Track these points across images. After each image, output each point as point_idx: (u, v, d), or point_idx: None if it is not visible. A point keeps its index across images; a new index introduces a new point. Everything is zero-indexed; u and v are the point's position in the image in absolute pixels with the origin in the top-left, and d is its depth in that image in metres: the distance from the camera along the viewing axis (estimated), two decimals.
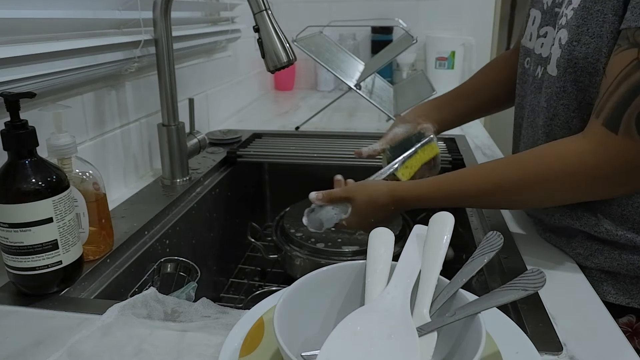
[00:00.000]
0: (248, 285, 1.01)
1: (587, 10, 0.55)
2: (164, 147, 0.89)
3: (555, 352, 0.46)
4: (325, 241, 0.88)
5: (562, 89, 0.59)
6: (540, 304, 0.54)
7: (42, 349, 0.47)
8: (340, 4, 1.87)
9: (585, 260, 0.62)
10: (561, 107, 0.60)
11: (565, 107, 0.60)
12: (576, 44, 0.56)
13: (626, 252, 0.59)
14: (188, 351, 0.47)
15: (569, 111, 0.60)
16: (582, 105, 0.58)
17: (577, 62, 0.57)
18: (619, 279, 0.61)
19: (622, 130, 0.51)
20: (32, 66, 0.64)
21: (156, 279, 0.68)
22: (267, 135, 1.24)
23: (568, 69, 0.58)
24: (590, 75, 0.56)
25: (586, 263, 0.62)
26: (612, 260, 0.60)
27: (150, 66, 0.91)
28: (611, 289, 0.61)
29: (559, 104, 0.60)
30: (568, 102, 0.59)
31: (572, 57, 0.57)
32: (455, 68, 1.81)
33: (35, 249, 0.53)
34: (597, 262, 0.61)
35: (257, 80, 1.71)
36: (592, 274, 0.61)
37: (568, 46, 0.57)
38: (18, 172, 0.52)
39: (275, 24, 0.73)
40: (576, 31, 0.56)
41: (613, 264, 0.60)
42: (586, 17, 0.55)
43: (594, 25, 0.54)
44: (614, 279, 0.61)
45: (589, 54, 0.55)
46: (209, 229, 0.95)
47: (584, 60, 0.56)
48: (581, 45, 0.56)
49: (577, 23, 0.56)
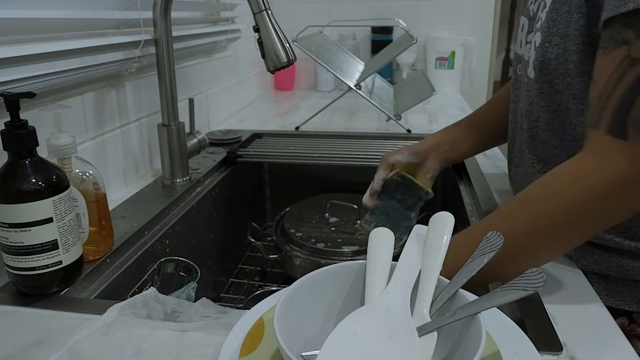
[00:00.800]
0: (248, 285, 1.01)
1: (556, 12, 0.56)
2: (164, 147, 0.89)
3: (556, 352, 0.46)
4: (325, 241, 0.88)
5: (539, 90, 0.60)
6: (540, 304, 0.54)
7: (42, 349, 0.47)
8: (340, 4, 1.87)
9: (576, 262, 0.62)
10: (542, 109, 0.61)
11: (545, 109, 0.60)
12: (548, 45, 0.57)
13: (615, 255, 0.59)
14: (188, 351, 0.47)
15: (548, 112, 0.60)
16: (561, 106, 0.59)
17: (549, 63, 0.57)
18: (610, 280, 0.61)
19: (632, 134, 0.46)
20: (32, 66, 0.64)
21: (156, 279, 0.68)
22: (267, 135, 1.24)
23: (543, 71, 0.58)
24: (562, 76, 0.57)
25: (578, 265, 0.62)
26: (602, 262, 0.60)
27: (150, 66, 0.91)
28: (602, 290, 0.60)
29: (540, 106, 0.61)
30: (547, 104, 0.60)
31: (545, 58, 0.57)
32: (455, 68, 1.81)
33: (35, 249, 0.53)
34: (587, 264, 0.61)
35: (257, 80, 1.71)
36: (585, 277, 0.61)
37: (541, 48, 0.58)
38: (18, 172, 0.52)
39: (275, 24, 0.73)
40: (547, 33, 0.57)
41: (603, 267, 0.60)
42: (555, 18, 0.56)
43: (562, 26, 0.55)
44: (604, 281, 0.61)
45: (559, 54, 0.56)
46: (209, 229, 0.95)
47: (555, 61, 0.56)
48: (552, 46, 0.56)
49: (548, 25, 0.57)
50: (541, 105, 0.60)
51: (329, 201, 1.00)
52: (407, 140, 1.18)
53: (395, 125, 1.28)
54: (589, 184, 0.48)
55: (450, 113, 1.48)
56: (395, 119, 1.26)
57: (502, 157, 1.05)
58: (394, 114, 1.27)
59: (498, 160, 1.03)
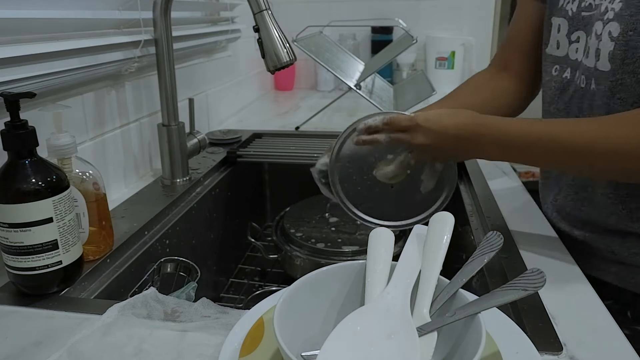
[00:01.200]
0: (248, 285, 1.01)
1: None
2: (164, 147, 0.89)
3: (555, 352, 0.46)
4: (325, 241, 0.88)
5: (618, 82, 0.57)
6: (540, 303, 0.54)
7: (42, 349, 0.47)
8: (340, 4, 1.87)
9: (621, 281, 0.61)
10: (617, 101, 0.58)
11: (622, 102, 0.57)
12: (632, 34, 0.54)
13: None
14: (188, 351, 0.47)
15: (626, 105, 0.57)
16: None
17: (635, 51, 0.54)
18: None
19: None
20: (32, 66, 0.64)
21: (156, 279, 0.68)
22: (267, 135, 1.24)
23: (626, 60, 0.55)
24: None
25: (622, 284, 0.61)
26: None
27: (150, 66, 0.91)
28: None
29: (614, 99, 0.58)
30: (625, 96, 0.57)
31: (628, 47, 0.55)
32: (455, 68, 1.81)
33: (35, 249, 0.53)
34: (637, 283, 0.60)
35: (257, 80, 1.71)
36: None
37: (623, 37, 0.55)
38: (18, 172, 0.52)
39: (275, 24, 0.73)
40: (630, 20, 0.54)
41: None
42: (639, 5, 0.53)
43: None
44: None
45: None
46: (209, 229, 0.95)
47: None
48: (637, 33, 0.54)
49: (630, 12, 0.54)
50: (617, 97, 0.58)
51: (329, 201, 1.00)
52: None
53: None
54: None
55: None
56: None
57: None
58: None
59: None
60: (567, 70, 0.67)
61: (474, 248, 0.72)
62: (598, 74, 0.60)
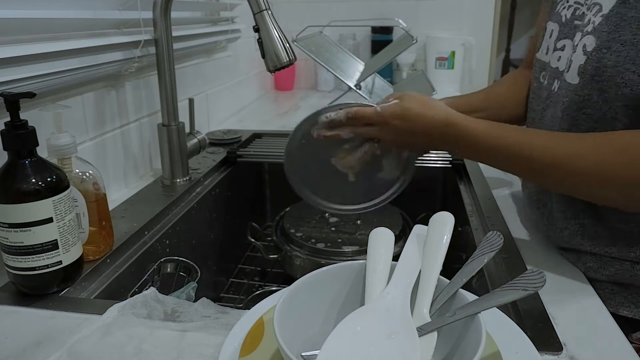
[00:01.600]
0: (248, 285, 1.01)
1: (620, 17, 0.52)
2: (164, 147, 0.89)
3: (555, 352, 0.46)
4: (325, 241, 0.88)
5: (585, 97, 0.56)
6: (540, 304, 0.54)
7: (42, 349, 0.47)
8: (340, 4, 1.87)
9: (595, 273, 0.60)
10: (582, 116, 0.57)
11: (587, 117, 0.56)
12: (606, 51, 0.53)
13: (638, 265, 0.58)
14: (188, 351, 0.47)
15: (590, 121, 0.56)
16: (607, 116, 0.55)
17: (605, 70, 0.53)
18: (632, 290, 0.59)
19: None
20: (32, 66, 0.64)
21: (156, 279, 0.68)
22: (267, 135, 1.24)
23: (595, 77, 0.54)
24: (617, 86, 0.53)
25: (596, 276, 0.60)
26: (625, 272, 0.58)
27: (150, 66, 0.91)
28: (624, 301, 0.59)
29: (580, 114, 0.57)
30: (591, 112, 0.56)
31: (600, 64, 0.54)
32: (455, 68, 1.81)
33: (35, 249, 0.53)
34: (608, 274, 0.59)
35: (257, 80, 1.71)
36: (602, 287, 0.60)
37: (597, 53, 0.54)
38: (18, 172, 0.52)
39: (275, 24, 0.73)
40: (606, 38, 0.53)
41: (626, 276, 0.58)
42: (619, 23, 0.52)
43: (626, 32, 0.51)
44: (626, 291, 0.59)
45: (619, 62, 0.52)
46: (209, 229, 0.95)
47: (612, 69, 0.53)
48: (611, 53, 0.53)
49: (607, 29, 0.53)
50: (582, 112, 0.57)
51: None
52: None
53: None
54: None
55: None
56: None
57: None
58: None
59: None
60: (547, 78, 0.66)
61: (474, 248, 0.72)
62: (565, 84, 0.59)
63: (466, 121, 0.61)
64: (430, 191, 1.09)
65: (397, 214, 0.95)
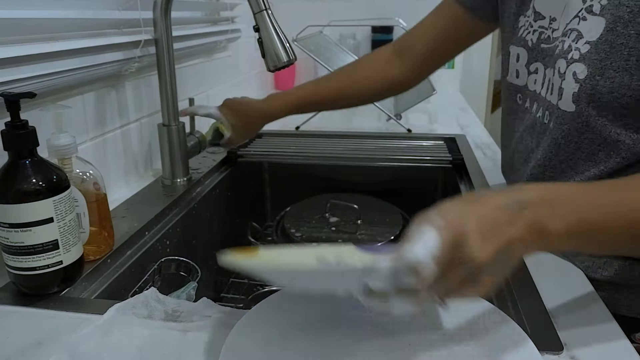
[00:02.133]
0: (248, 285, 1.01)
1: (609, 44, 0.53)
2: (165, 147, 0.89)
3: (556, 352, 0.46)
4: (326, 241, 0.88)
5: (584, 124, 0.57)
6: (541, 303, 0.54)
7: (42, 349, 0.47)
8: (340, 3, 1.87)
9: (594, 273, 0.60)
10: (585, 140, 0.58)
11: (590, 141, 0.57)
12: (599, 78, 0.54)
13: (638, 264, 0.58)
14: (189, 351, 0.47)
15: (593, 144, 0.57)
16: (608, 140, 0.56)
17: (600, 96, 0.54)
18: (632, 290, 0.59)
19: None
20: (32, 66, 0.64)
21: (157, 279, 0.68)
22: (268, 135, 1.24)
23: (591, 104, 0.55)
24: (614, 109, 0.54)
25: (596, 276, 0.60)
26: (624, 272, 0.58)
27: (151, 66, 0.91)
28: (624, 300, 0.59)
29: (582, 138, 0.58)
30: (592, 136, 0.57)
31: (595, 91, 0.54)
32: (455, 68, 1.81)
33: (36, 249, 0.53)
34: (608, 275, 0.59)
35: (257, 80, 1.71)
36: (602, 286, 0.59)
37: (590, 80, 0.55)
38: (18, 173, 0.52)
39: (276, 23, 0.73)
40: (599, 65, 0.54)
41: (625, 276, 0.58)
42: (609, 51, 0.53)
43: (618, 59, 0.52)
44: (626, 291, 0.59)
45: (614, 88, 0.53)
46: (209, 228, 0.95)
47: (608, 95, 0.54)
48: (605, 79, 0.53)
49: (599, 57, 0.54)
50: (584, 137, 0.58)
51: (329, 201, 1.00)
52: (408, 139, 1.18)
53: (395, 124, 1.28)
54: None
55: (451, 113, 1.48)
56: (396, 118, 1.26)
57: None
58: (394, 114, 1.27)
59: (499, 160, 1.03)
60: (527, 101, 0.67)
61: None
62: (560, 112, 0.59)
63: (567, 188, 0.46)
64: (430, 191, 1.09)
65: (397, 214, 0.95)
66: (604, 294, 0.58)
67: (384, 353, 0.46)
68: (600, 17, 0.54)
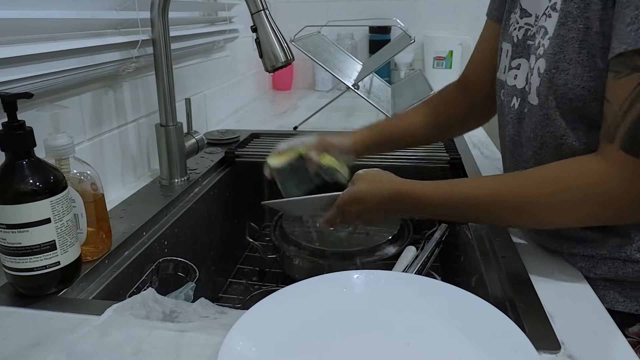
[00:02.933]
0: (246, 285, 1.01)
1: (561, 38, 0.55)
2: (162, 147, 0.89)
3: (554, 351, 0.47)
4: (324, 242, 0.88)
5: (545, 116, 0.59)
6: (538, 303, 0.54)
7: (40, 350, 0.47)
8: (338, 3, 1.87)
9: (588, 272, 0.61)
10: (548, 134, 0.60)
11: (552, 135, 0.59)
12: (555, 72, 0.56)
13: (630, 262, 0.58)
14: (186, 351, 0.46)
15: (556, 138, 0.59)
16: (567, 131, 0.58)
17: (557, 89, 0.57)
18: (626, 286, 0.60)
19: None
20: (29, 66, 0.63)
21: (154, 279, 0.68)
22: (265, 135, 1.24)
23: (549, 97, 0.58)
24: (570, 101, 0.56)
25: (589, 274, 0.61)
26: (617, 269, 0.59)
27: (148, 66, 0.91)
28: (618, 296, 0.60)
29: (545, 132, 0.60)
30: (554, 129, 0.59)
31: (552, 84, 0.57)
32: (452, 68, 1.81)
33: (33, 250, 0.53)
34: (601, 273, 0.60)
35: (255, 80, 1.71)
36: (597, 284, 0.60)
37: (547, 74, 0.57)
38: (16, 173, 0.52)
39: (273, 23, 0.73)
40: (553, 59, 0.56)
41: (618, 273, 0.59)
42: (562, 44, 0.55)
43: (570, 52, 0.55)
44: (620, 287, 0.60)
45: (569, 80, 0.55)
46: (207, 229, 0.95)
47: (564, 87, 0.56)
48: (560, 72, 0.56)
49: (553, 51, 0.56)
50: (548, 131, 0.60)
51: None
52: None
53: None
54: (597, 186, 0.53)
55: None
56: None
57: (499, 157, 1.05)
58: (392, 114, 1.27)
59: (496, 160, 1.03)
60: (506, 95, 0.69)
61: (471, 247, 0.73)
62: (529, 106, 0.62)
63: (413, 187, 0.64)
64: None
65: None
66: (599, 290, 0.59)
67: (382, 353, 0.46)
68: (557, 12, 0.56)
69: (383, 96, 1.47)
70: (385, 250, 0.85)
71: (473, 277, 0.71)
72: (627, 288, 0.59)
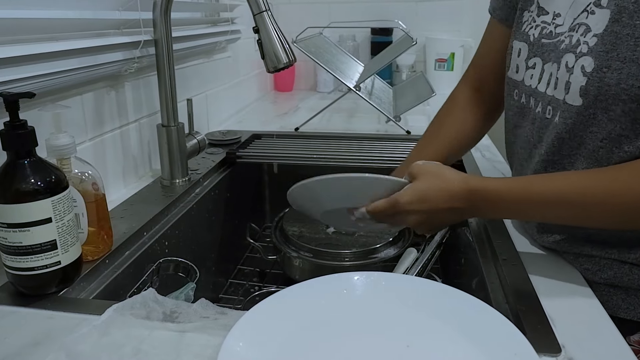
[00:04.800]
0: (247, 286, 1.01)
1: (615, 35, 0.53)
2: (163, 147, 0.89)
3: (554, 354, 0.46)
4: (324, 242, 0.88)
5: (591, 116, 0.56)
6: (539, 306, 0.54)
7: (40, 350, 0.47)
8: (340, 5, 1.88)
9: (593, 275, 0.60)
10: (589, 135, 0.57)
11: (594, 135, 0.57)
12: (606, 70, 0.53)
13: (637, 267, 0.58)
14: (187, 352, 0.46)
15: (596, 140, 0.57)
16: (612, 135, 0.56)
17: (608, 89, 0.54)
18: (630, 292, 0.59)
19: None
20: (31, 66, 0.64)
21: (155, 279, 0.68)
22: (267, 136, 1.24)
23: (599, 97, 0.55)
24: (623, 102, 0.53)
25: (594, 278, 0.60)
26: (623, 274, 0.59)
27: (150, 67, 0.91)
28: (622, 303, 0.59)
29: (587, 132, 0.57)
30: (597, 130, 0.56)
31: (602, 84, 0.54)
32: (454, 69, 1.81)
33: (34, 249, 0.53)
34: (606, 277, 0.59)
35: (256, 81, 1.71)
36: (600, 289, 0.60)
37: (597, 73, 0.54)
38: (17, 172, 0.52)
39: (275, 25, 0.73)
40: (605, 57, 0.54)
41: (624, 279, 0.59)
42: (615, 42, 0.53)
43: (624, 50, 0.52)
44: (625, 293, 0.59)
45: (622, 79, 0.52)
46: (208, 229, 0.95)
47: (616, 87, 0.53)
48: (612, 71, 0.53)
49: (605, 49, 0.54)
50: (589, 131, 0.57)
51: None
52: (407, 141, 1.18)
53: (394, 126, 1.28)
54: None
55: None
56: (395, 120, 1.26)
57: (501, 159, 1.05)
58: (394, 116, 1.28)
59: (496, 162, 1.03)
60: (522, 96, 0.67)
61: (472, 249, 0.73)
62: (567, 107, 0.59)
63: (485, 183, 0.59)
64: None
65: None
66: (602, 296, 0.58)
67: (382, 355, 0.46)
68: (606, 9, 0.54)
69: (385, 98, 1.47)
70: (385, 252, 0.85)
71: (474, 279, 0.71)
72: (632, 295, 0.59)
